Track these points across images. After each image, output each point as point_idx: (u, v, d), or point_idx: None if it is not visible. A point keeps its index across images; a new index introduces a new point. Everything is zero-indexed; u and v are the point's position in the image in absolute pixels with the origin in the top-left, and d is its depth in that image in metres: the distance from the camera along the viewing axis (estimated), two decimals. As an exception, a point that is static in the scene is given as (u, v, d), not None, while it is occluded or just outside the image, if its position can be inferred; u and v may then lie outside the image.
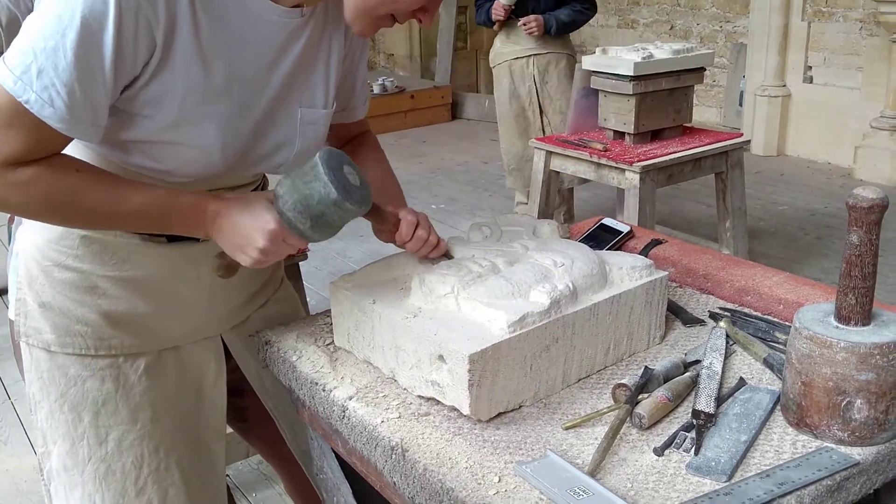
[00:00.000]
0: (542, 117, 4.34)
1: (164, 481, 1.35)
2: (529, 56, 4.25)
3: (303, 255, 2.60)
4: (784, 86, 6.30)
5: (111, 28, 1.00)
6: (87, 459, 1.31)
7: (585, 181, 4.06)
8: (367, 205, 1.14)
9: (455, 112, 8.04)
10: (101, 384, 1.29)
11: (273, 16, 1.16)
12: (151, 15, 1.03)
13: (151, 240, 1.25)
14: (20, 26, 1.06)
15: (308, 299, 2.83)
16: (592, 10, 4.25)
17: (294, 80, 1.24)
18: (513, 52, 4.28)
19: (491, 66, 4.47)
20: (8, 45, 1.07)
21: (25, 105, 1.01)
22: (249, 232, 1.13)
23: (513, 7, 4.16)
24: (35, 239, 1.26)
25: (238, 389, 1.48)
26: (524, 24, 4.14)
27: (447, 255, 1.29)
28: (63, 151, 1.10)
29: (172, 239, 1.26)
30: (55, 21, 0.99)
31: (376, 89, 7.41)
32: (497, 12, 4.19)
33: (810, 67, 6.21)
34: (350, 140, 1.49)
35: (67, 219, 1.15)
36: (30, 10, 2.34)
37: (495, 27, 4.33)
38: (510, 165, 4.46)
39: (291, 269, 2.63)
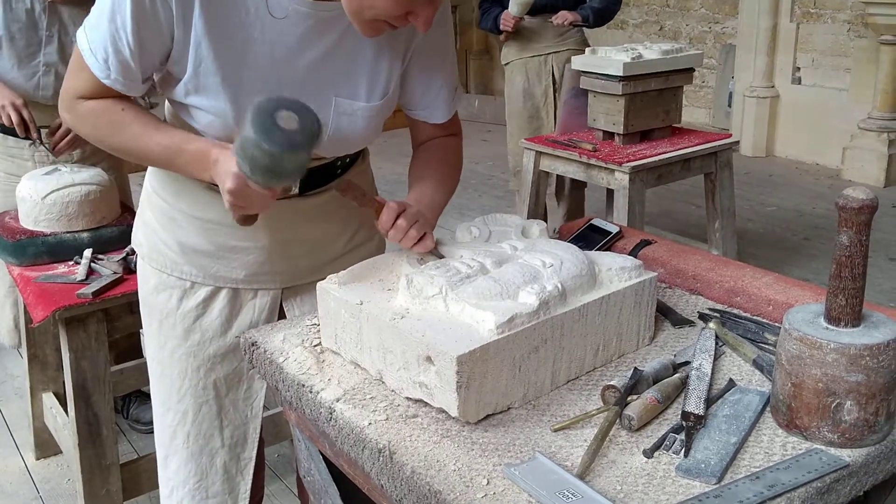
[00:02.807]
0: (556, 116, 4.22)
1: (200, 398, 1.53)
2: (548, 54, 4.07)
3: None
4: (773, 87, 6.33)
5: (129, 5, 1.19)
6: (153, 357, 1.55)
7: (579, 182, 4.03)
8: (296, 150, 1.13)
9: (445, 112, 8.01)
10: (168, 300, 1.49)
11: (294, 6, 1.24)
12: None
13: (215, 189, 1.36)
14: None
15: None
16: None
17: (326, 70, 1.31)
18: (529, 51, 4.09)
19: (503, 62, 4.28)
20: None
21: (81, 52, 1.25)
22: (223, 176, 1.22)
23: (522, 19, 4.00)
24: (150, 170, 1.51)
25: None
26: (556, 19, 3.93)
27: (437, 255, 1.28)
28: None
29: None
30: None
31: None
32: (507, 23, 4.01)
33: (799, 69, 6.23)
34: (427, 140, 1.52)
35: (109, 148, 1.37)
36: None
37: (502, 37, 4.15)
38: (517, 167, 4.18)
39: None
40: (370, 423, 1.07)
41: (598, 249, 1.52)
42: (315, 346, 1.28)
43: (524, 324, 1.08)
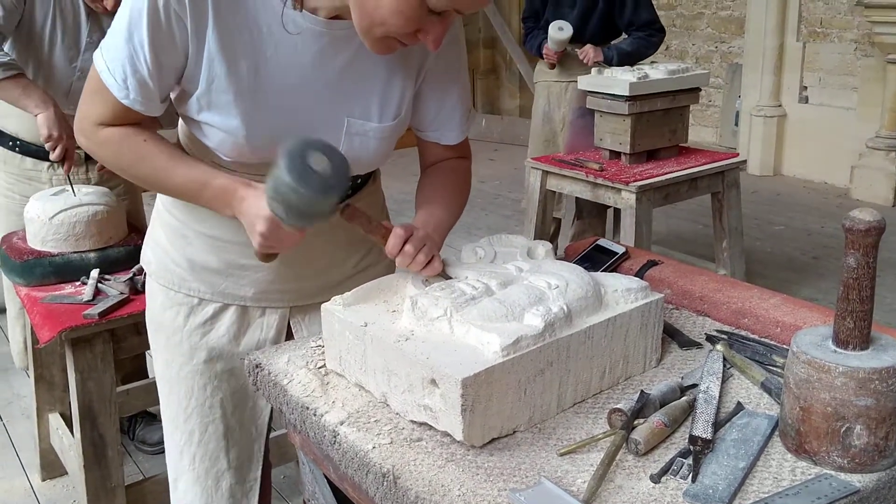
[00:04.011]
0: None
1: (206, 417, 1.52)
2: (570, 82, 4.02)
3: None
4: (780, 106, 6.33)
5: (145, 19, 1.19)
6: (161, 376, 1.55)
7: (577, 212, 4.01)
8: (330, 192, 1.14)
9: (452, 131, 8.03)
10: (175, 316, 1.49)
11: (308, 24, 1.24)
12: (179, 8, 1.20)
13: None
14: None
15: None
16: (658, 35, 3.99)
17: (339, 89, 1.31)
18: (554, 75, 4.12)
19: (534, 80, 4.32)
20: None
21: (100, 74, 1.25)
22: (253, 218, 1.23)
23: (564, 50, 3.99)
24: None
25: None
26: (581, 54, 3.95)
27: (445, 276, 1.27)
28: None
29: None
30: (122, 7, 1.23)
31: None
32: (549, 57, 4.02)
33: (805, 88, 6.23)
34: (436, 162, 1.51)
35: (131, 177, 1.39)
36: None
37: (548, 66, 4.15)
38: None
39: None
40: (374, 447, 1.06)
41: (604, 270, 1.52)
42: (319, 367, 1.27)
43: (530, 346, 1.07)
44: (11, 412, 3.12)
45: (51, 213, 2.18)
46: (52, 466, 2.66)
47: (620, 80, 3.31)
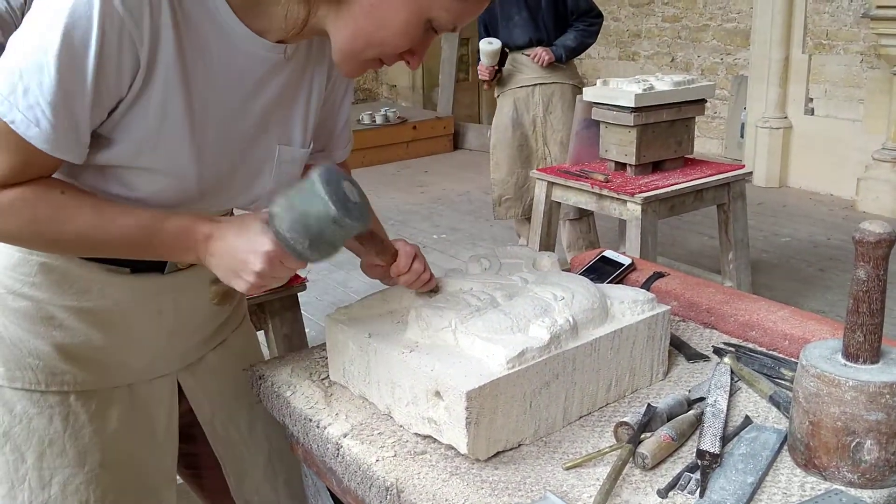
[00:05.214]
0: (544, 147, 4.28)
1: None
2: (535, 85, 4.15)
3: (301, 285, 2.57)
4: (785, 118, 6.32)
5: (94, 45, 0.96)
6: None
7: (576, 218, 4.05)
8: (367, 221, 1.07)
9: (457, 142, 8.07)
10: (49, 423, 1.21)
11: (254, 48, 1.12)
12: (136, 34, 0.99)
13: (114, 270, 1.19)
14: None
15: (307, 330, 2.80)
16: (596, 21, 4.13)
17: (272, 116, 1.20)
18: (518, 81, 4.19)
19: (495, 95, 4.38)
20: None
21: (11, 125, 0.98)
22: (245, 255, 1.06)
23: (496, 67, 4.11)
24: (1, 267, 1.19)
25: (190, 434, 1.40)
26: (534, 58, 4.07)
27: (434, 290, 1.26)
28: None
29: (136, 270, 1.21)
30: (39, 39, 0.97)
31: (378, 120, 7.46)
32: (482, 74, 4.13)
33: (811, 99, 6.23)
34: None
35: (53, 244, 1.10)
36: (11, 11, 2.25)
37: (485, 86, 4.26)
38: (505, 196, 4.29)
39: (290, 300, 2.61)
40: (378, 460, 1.05)
41: (610, 282, 1.51)
42: (323, 379, 1.26)
43: (535, 358, 1.06)
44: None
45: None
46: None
47: (626, 91, 3.31)
